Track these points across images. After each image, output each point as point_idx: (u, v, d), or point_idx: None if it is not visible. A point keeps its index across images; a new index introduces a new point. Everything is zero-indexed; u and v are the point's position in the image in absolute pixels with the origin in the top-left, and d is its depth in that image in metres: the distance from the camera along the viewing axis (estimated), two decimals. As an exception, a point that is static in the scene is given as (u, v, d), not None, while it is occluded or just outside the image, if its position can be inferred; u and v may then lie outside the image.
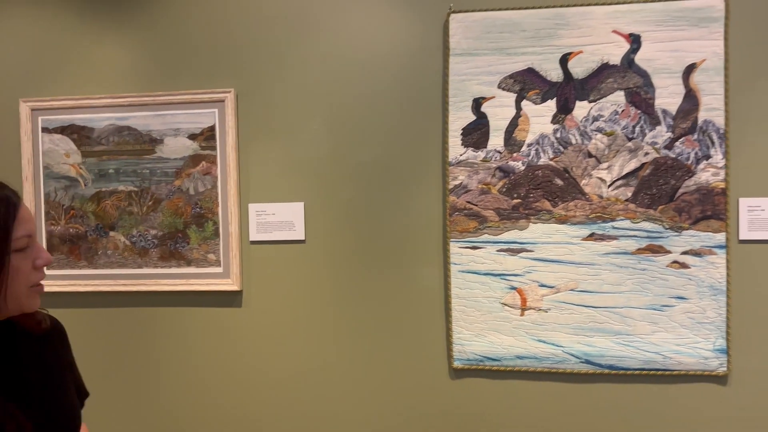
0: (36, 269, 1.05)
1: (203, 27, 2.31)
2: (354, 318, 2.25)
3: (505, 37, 2.14)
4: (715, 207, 2.06)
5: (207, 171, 2.29)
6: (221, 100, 2.27)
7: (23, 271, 1.02)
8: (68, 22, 2.38)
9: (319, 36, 2.25)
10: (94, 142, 2.35)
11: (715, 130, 2.06)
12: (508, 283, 2.15)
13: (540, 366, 2.14)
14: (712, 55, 2.05)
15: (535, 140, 2.14)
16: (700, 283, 2.06)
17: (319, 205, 2.25)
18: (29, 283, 1.04)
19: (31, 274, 1.04)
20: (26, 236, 1.02)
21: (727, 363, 2.05)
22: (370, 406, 2.24)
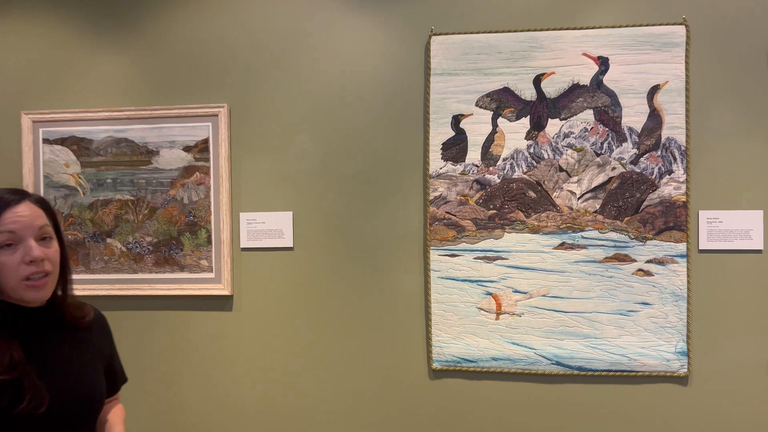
0: (25, 264, 1.15)
1: (198, 45, 2.43)
2: (339, 321, 2.37)
3: (483, 59, 2.28)
4: (676, 219, 2.20)
5: (200, 181, 2.41)
6: (215, 115, 2.39)
7: (9, 265, 1.14)
8: (69, 39, 2.50)
9: (307, 56, 2.38)
10: (93, 153, 2.47)
11: (677, 147, 2.20)
12: (484, 288, 2.29)
13: (514, 367, 2.27)
14: (674, 77, 2.20)
15: (510, 155, 2.28)
16: (662, 289, 2.20)
17: (307, 215, 2.38)
18: (20, 277, 1.15)
19: (20, 269, 1.15)
20: (6, 233, 1.13)
21: (688, 364, 2.19)
22: (355, 404, 2.36)
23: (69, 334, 1.28)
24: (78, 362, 1.27)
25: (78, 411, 1.23)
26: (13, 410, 1.10)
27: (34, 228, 1.18)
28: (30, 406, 1.11)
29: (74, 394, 1.22)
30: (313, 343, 2.38)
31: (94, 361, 1.33)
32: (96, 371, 1.33)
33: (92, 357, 1.33)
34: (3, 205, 1.15)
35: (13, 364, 1.12)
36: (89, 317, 1.34)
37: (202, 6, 2.43)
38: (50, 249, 1.20)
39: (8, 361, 1.12)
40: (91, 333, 1.35)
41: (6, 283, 1.16)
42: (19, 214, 1.16)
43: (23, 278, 1.16)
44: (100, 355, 1.37)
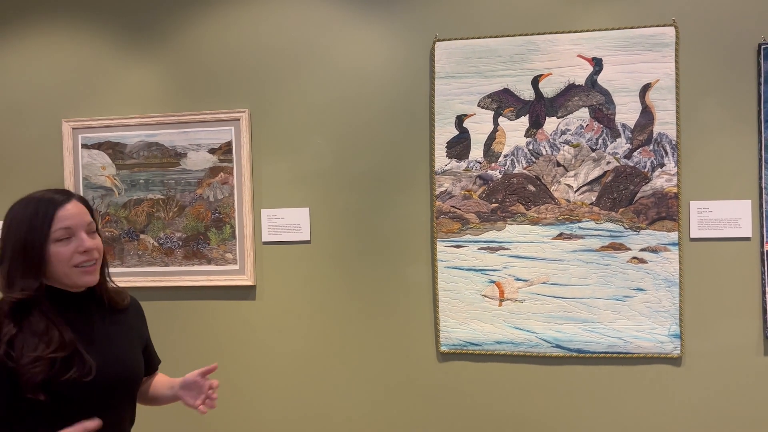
0: (79, 254, 1.33)
1: (221, 55, 2.64)
2: (353, 308, 2.55)
3: (484, 62, 2.44)
4: (668, 209, 2.34)
5: (225, 181, 2.61)
6: (237, 119, 2.60)
7: (64, 255, 1.32)
8: (103, 52, 2.72)
9: (321, 63, 2.56)
10: (127, 156, 2.69)
11: (668, 142, 2.34)
12: (487, 277, 2.45)
13: (516, 350, 2.43)
14: (664, 75, 2.33)
15: (510, 152, 2.44)
16: (656, 276, 2.34)
17: (323, 210, 2.57)
18: (71, 263, 1.33)
19: (73, 258, 1.33)
20: (64, 228, 1.31)
21: (681, 346, 2.33)
22: (369, 385, 2.54)
23: (109, 316, 1.46)
24: (119, 340, 1.45)
25: (120, 383, 1.40)
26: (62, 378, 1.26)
27: (83, 223, 1.36)
28: (79, 375, 1.28)
29: (117, 368, 1.39)
30: (329, 329, 2.57)
31: (133, 340, 1.51)
32: (135, 349, 1.51)
33: (131, 336, 1.51)
34: (56, 204, 1.33)
35: (65, 343, 1.28)
36: (127, 301, 1.54)
37: (224, 19, 2.63)
38: (97, 240, 1.39)
39: (62, 340, 1.28)
40: (129, 315, 1.53)
41: (59, 270, 1.32)
42: (69, 211, 1.34)
43: (75, 265, 1.33)
44: (138, 336, 1.55)
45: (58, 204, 1.33)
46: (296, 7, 2.58)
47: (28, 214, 1.31)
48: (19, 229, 1.31)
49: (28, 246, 1.30)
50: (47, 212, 1.31)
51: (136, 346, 1.53)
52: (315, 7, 2.57)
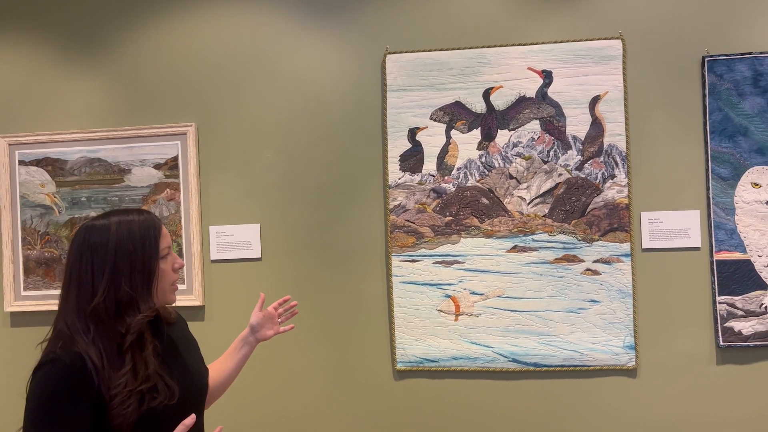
0: (174, 271, 1.36)
1: (166, 67, 2.56)
2: (307, 327, 2.48)
3: (435, 75, 2.42)
4: (620, 220, 2.34)
5: (171, 197, 2.52)
6: (183, 133, 2.51)
7: (167, 272, 1.34)
8: (42, 64, 2.61)
9: (270, 75, 2.51)
10: (68, 173, 2.57)
11: (619, 153, 2.35)
12: (443, 291, 2.41)
13: (473, 365, 2.39)
14: (613, 88, 2.36)
15: (463, 164, 2.42)
16: (609, 287, 2.34)
17: (274, 226, 2.50)
18: (170, 281, 1.35)
19: (171, 275, 1.35)
20: (167, 247, 1.34)
21: (636, 358, 2.33)
22: (323, 406, 2.47)
23: (167, 333, 1.42)
24: (186, 354, 1.44)
25: (199, 396, 1.42)
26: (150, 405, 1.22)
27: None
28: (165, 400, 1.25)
29: (193, 383, 1.39)
30: (281, 349, 2.48)
31: (195, 350, 1.52)
32: (199, 359, 1.51)
33: (192, 347, 1.51)
34: (159, 222, 1.36)
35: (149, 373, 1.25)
36: (174, 314, 1.52)
37: (170, 30, 2.56)
38: None
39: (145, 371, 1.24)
40: (181, 327, 1.52)
41: (163, 287, 1.33)
42: (166, 231, 1.37)
43: (171, 283, 1.36)
44: (195, 344, 1.55)
45: (159, 222, 1.36)
46: (244, 18, 2.53)
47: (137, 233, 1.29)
48: (133, 249, 1.28)
49: (145, 265, 1.29)
50: (156, 229, 1.32)
51: (199, 355, 1.52)
52: (263, 19, 2.52)
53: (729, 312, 2.28)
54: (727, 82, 2.30)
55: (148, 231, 1.31)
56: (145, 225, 1.32)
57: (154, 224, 1.33)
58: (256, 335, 1.66)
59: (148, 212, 1.37)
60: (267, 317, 1.66)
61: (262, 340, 1.67)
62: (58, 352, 1.18)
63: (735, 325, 2.28)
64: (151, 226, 1.32)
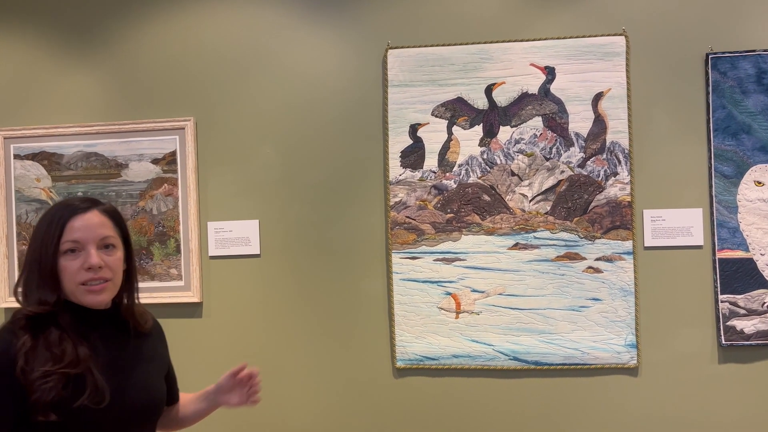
0: (84, 270, 1.22)
1: (166, 61, 2.53)
2: (306, 325, 2.46)
3: (437, 70, 2.40)
4: (622, 218, 2.33)
5: (169, 192, 2.49)
6: (182, 128, 2.48)
7: (70, 270, 1.21)
8: (39, 57, 2.57)
9: (270, 70, 2.48)
10: (64, 168, 2.54)
11: (621, 150, 2.33)
12: (443, 289, 2.39)
13: (473, 363, 2.37)
14: (616, 84, 2.34)
15: (464, 161, 2.40)
16: (611, 285, 2.32)
17: (273, 223, 2.47)
18: (77, 281, 1.22)
19: (79, 274, 1.21)
20: (73, 241, 1.21)
21: (637, 356, 2.31)
22: (323, 404, 2.44)
23: (133, 339, 1.34)
24: (141, 366, 1.34)
25: (139, 412, 1.29)
26: (74, 403, 1.15)
27: (96, 236, 1.23)
28: (91, 401, 1.17)
29: (137, 396, 1.28)
30: (281, 347, 2.46)
31: (157, 367, 1.40)
32: (158, 376, 1.40)
33: (154, 363, 1.40)
34: (71, 212, 1.23)
35: (78, 359, 1.18)
36: (150, 324, 1.41)
37: (168, 23, 2.53)
38: (112, 257, 1.26)
39: (75, 356, 1.18)
40: (153, 339, 1.42)
41: (67, 286, 1.23)
42: (83, 222, 1.23)
43: (80, 283, 1.22)
44: (161, 361, 1.44)
45: (73, 213, 1.23)
46: (244, 12, 2.50)
47: (44, 224, 1.23)
48: (36, 238, 1.23)
49: (42, 257, 1.21)
50: (60, 221, 1.21)
51: (160, 373, 1.42)
52: (263, 13, 2.49)
53: (731, 311, 2.27)
54: (731, 79, 2.28)
55: (51, 223, 1.22)
56: (54, 216, 1.23)
57: (62, 215, 1.22)
58: (219, 397, 1.51)
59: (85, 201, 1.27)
60: (238, 383, 1.50)
61: (223, 405, 1.53)
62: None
63: (737, 324, 2.27)
64: (58, 218, 1.22)
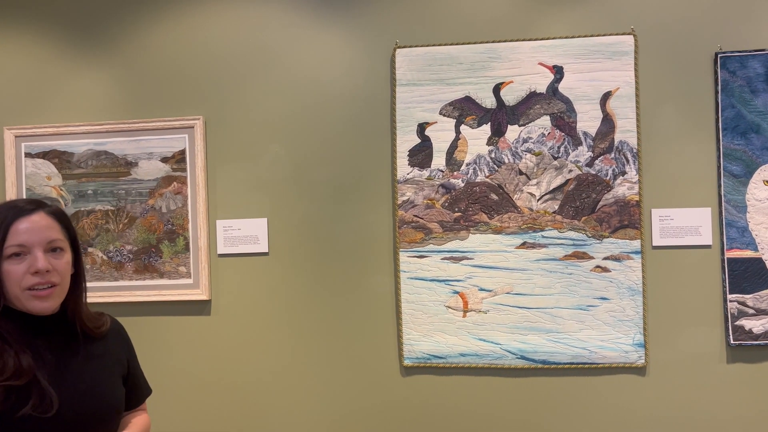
0: (30, 274, 1.17)
1: (175, 60, 2.54)
2: (314, 323, 2.46)
3: (445, 69, 2.41)
4: (631, 217, 2.32)
5: (178, 191, 2.51)
6: (191, 127, 2.50)
7: (15, 274, 1.17)
8: (49, 56, 2.59)
9: (278, 69, 2.49)
10: (74, 166, 2.56)
11: (629, 150, 2.33)
12: (451, 288, 2.39)
13: (481, 362, 2.37)
14: (624, 84, 2.34)
15: (472, 160, 2.40)
16: (619, 285, 2.32)
17: (281, 221, 2.48)
18: (23, 287, 1.17)
19: (25, 279, 1.17)
20: (16, 245, 1.17)
21: (645, 355, 2.31)
22: (330, 403, 2.45)
23: (83, 344, 1.29)
24: (92, 371, 1.28)
25: (92, 419, 1.24)
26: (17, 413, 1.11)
27: (43, 240, 1.19)
28: (36, 411, 1.13)
29: (87, 403, 1.23)
30: (288, 345, 2.47)
31: (111, 370, 1.34)
32: (112, 381, 1.34)
33: (108, 366, 1.34)
34: (16, 213, 1.19)
35: (22, 370, 1.13)
36: (105, 327, 1.35)
37: (178, 22, 2.54)
38: (59, 261, 1.22)
39: (17, 366, 1.13)
40: (108, 342, 1.36)
41: (11, 291, 1.18)
42: (29, 224, 1.18)
43: (27, 288, 1.18)
44: (118, 365, 1.37)
45: (18, 215, 1.19)
46: (253, 11, 2.51)
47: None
48: None
49: None
50: (3, 224, 1.17)
51: (114, 377, 1.35)
52: (272, 12, 2.50)
53: (740, 310, 2.26)
54: (740, 78, 2.28)
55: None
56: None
57: (7, 215, 1.18)
58: None
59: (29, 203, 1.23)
60: None
61: None
62: None
63: (746, 324, 2.26)
64: (1, 220, 1.17)
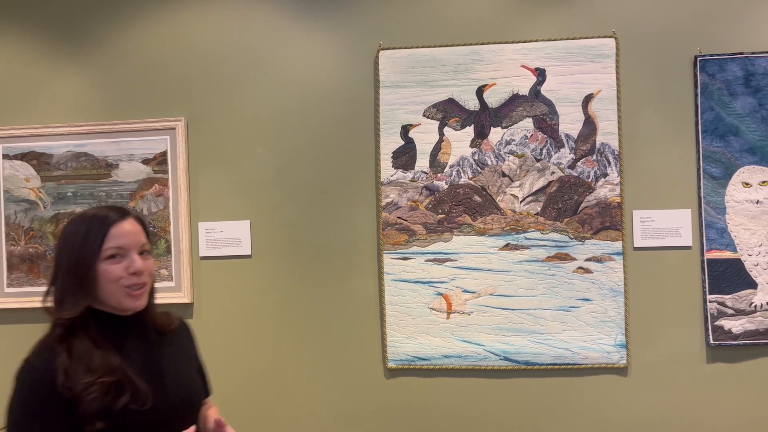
0: (128, 275, 1.28)
1: (156, 61, 2.52)
2: (297, 325, 2.45)
3: (428, 71, 2.41)
4: (612, 219, 2.34)
5: (159, 193, 2.48)
6: (172, 128, 2.47)
7: (114, 274, 1.26)
8: (28, 56, 2.56)
9: (261, 70, 2.48)
10: (53, 168, 2.52)
11: (611, 152, 2.35)
12: (435, 289, 2.39)
13: (464, 364, 2.38)
14: (606, 86, 2.35)
15: (456, 162, 2.41)
16: (601, 286, 2.34)
17: (264, 223, 2.47)
18: (121, 285, 1.27)
19: (123, 278, 1.27)
20: (116, 247, 1.27)
21: (627, 356, 2.33)
22: (314, 405, 2.44)
23: (159, 340, 1.39)
24: (174, 364, 1.39)
25: (181, 410, 1.34)
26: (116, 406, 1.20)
27: (137, 243, 1.31)
28: (134, 404, 1.22)
29: (177, 392, 1.34)
30: (272, 348, 2.45)
31: (188, 362, 1.47)
32: (191, 371, 1.46)
33: (186, 360, 1.46)
34: (110, 221, 1.29)
35: (112, 368, 1.23)
36: (175, 324, 1.46)
37: (159, 22, 2.52)
38: (148, 262, 1.33)
39: (107, 365, 1.23)
40: (180, 338, 1.48)
41: (108, 289, 1.27)
42: (123, 229, 1.29)
43: (126, 286, 1.28)
44: (192, 359, 1.51)
45: (112, 221, 1.29)
46: (236, 12, 2.49)
47: (81, 231, 1.28)
48: (72, 246, 1.27)
49: (80, 263, 1.25)
50: (101, 229, 1.27)
51: (192, 369, 1.48)
52: (255, 13, 2.49)
53: (719, 311, 2.29)
54: (719, 81, 2.31)
55: (90, 230, 1.27)
56: (93, 223, 1.28)
57: (102, 222, 1.28)
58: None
59: (117, 211, 1.32)
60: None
61: None
62: (30, 358, 1.23)
63: (725, 324, 2.29)
64: (99, 225, 1.28)
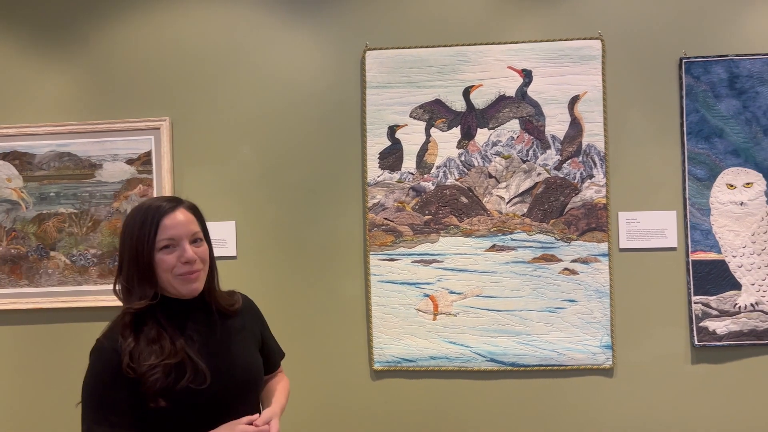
0: (181, 263, 1.33)
1: (141, 60, 2.49)
2: (283, 327, 2.42)
3: (415, 72, 2.40)
4: (598, 220, 2.35)
5: (144, 193, 2.46)
6: (157, 128, 2.45)
7: (168, 264, 1.33)
8: (10, 55, 2.52)
9: (247, 70, 2.46)
10: (36, 168, 2.49)
11: (597, 153, 2.36)
12: (421, 291, 2.39)
13: (451, 365, 2.38)
14: (592, 87, 2.36)
15: (442, 163, 2.40)
16: (587, 287, 2.34)
17: (250, 224, 2.45)
18: (175, 273, 1.34)
19: (176, 267, 1.34)
20: (168, 239, 1.33)
21: (612, 357, 2.33)
22: (300, 406, 2.42)
23: (221, 321, 1.45)
24: (234, 344, 1.45)
25: (239, 387, 1.40)
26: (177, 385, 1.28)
27: (188, 233, 1.36)
28: (193, 383, 1.30)
29: (234, 372, 1.40)
30: (257, 349, 2.44)
31: (248, 343, 1.51)
32: (250, 351, 1.50)
33: (246, 340, 1.50)
34: (162, 212, 1.35)
35: (175, 350, 1.31)
36: (238, 305, 1.52)
37: (144, 21, 2.49)
38: (201, 249, 1.39)
39: (171, 347, 1.31)
40: (243, 318, 1.53)
41: (164, 278, 1.34)
42: (174, 220, 1.35)
43: (179, 274, 1.34)
44: (253, 337, 1.54)
45: (164, 212, 1.35)
46: (221, 11, 2.48)
47: (137, 223, 1.34)
48: (131, 238, 1.34)
49: (139, 254, 1.33)
50: (153, 220, 1.33)
51: (252, 348, 1.52)
52: (241, 12, 2.47)
53: (704, 312, 2.30)
54: (704, 83, 2.32)
55: (144, 223, 1.33)
56: (146, 214, 1.34)
57: (155, 214, 1.34)
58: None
59: (170, 201, 1.38)
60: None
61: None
62: (100, 339, 1.34)
63: (710, 325, 2.30)
64: (151, 216, 1.34)
